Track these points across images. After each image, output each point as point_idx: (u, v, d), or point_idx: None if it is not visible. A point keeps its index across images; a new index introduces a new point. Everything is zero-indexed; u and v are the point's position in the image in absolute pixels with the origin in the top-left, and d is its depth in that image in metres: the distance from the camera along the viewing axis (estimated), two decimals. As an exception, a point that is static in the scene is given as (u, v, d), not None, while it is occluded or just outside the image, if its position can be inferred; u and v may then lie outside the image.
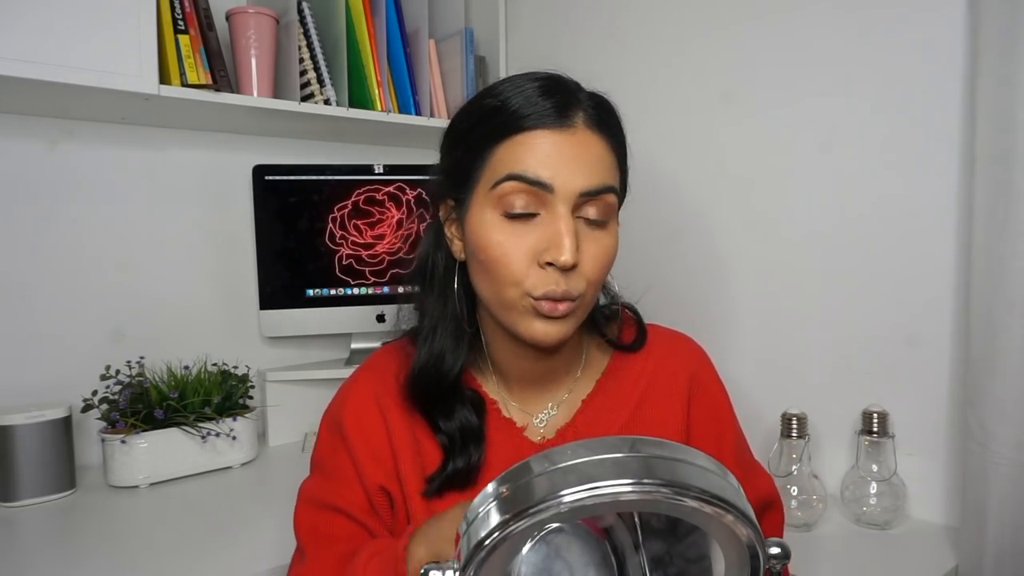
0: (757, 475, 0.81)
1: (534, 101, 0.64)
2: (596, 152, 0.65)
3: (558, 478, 0.39)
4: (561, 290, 0.64)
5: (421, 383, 0.72)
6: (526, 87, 0.65)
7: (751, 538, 0.41)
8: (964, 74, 1.00)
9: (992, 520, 0.89)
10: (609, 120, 0.68)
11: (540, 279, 0.64)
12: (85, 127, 1.32)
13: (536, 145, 0.63)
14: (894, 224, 1.08)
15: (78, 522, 1.09)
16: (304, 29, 1.38)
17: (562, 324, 0.66)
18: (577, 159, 0.64)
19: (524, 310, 0.66)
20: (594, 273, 0.66)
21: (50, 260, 1.30)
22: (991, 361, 0.89)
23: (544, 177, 0.63)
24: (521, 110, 0.64)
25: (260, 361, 1.53)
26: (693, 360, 0.80)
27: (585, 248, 0.65)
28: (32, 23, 1.03)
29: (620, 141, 0.69)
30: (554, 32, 1.58)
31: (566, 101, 0.65)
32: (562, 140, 0.64)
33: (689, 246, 1.34)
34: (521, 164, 0.63)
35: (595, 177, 0.64)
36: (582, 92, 0.68)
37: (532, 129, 0.64)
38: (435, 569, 0.42)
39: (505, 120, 0.65)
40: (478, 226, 0.66)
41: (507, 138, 0.64)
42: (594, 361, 0.79)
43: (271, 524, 1.07)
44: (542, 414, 0.76)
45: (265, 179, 1.45)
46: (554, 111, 0.64)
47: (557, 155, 0.63)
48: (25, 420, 1.14)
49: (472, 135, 0.68)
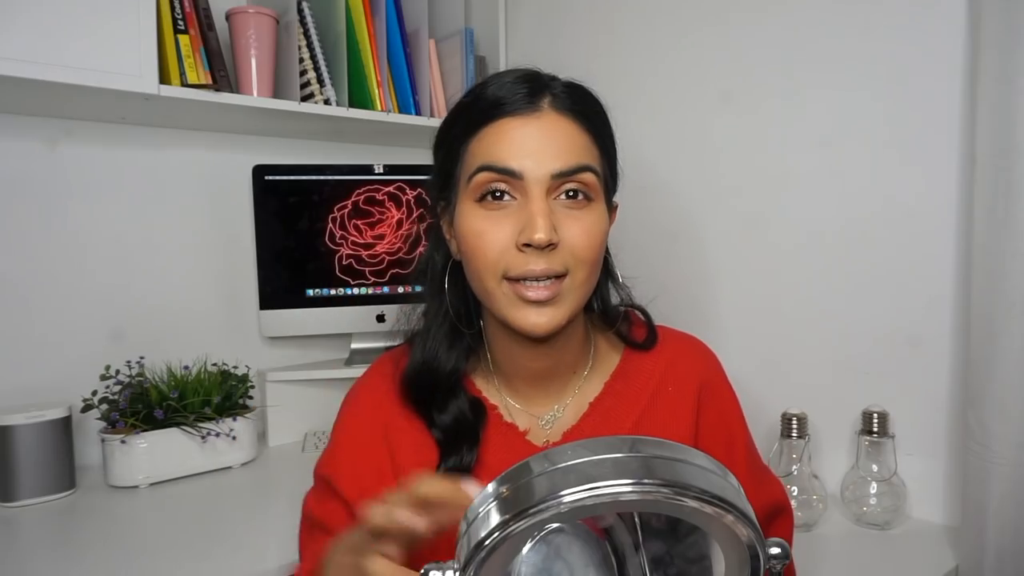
0: (768, 481, 0.80)
1: (503, 92, 0.65)
2: (565, 133, 0.65)
3: (558, 478, 0.39)
4: (540, 268, 0.63)
5: (416, 382, 0.72)
6: (502, 80, 0.67)
7: (751, 538, 0.41)
8: (964, 73, 1.00)
9: (992, 520, 0.89)
10: (581, 102, 0.68)
11: (518, 260, 0.64)
12: (85, 127, 1.32)
13: (503, 133, 0.65)
14: (894, 224, 1.08)
15: (78, 522, 1.09)
16: (304, 29, 1.38)
17: (553, 309, 0.65)
18: (545, 142, 0.64)
19: (509, 298, 0.65)
20: (580, 250, 0.65)
21: (50, 260, 1.30)
22: (991, 361, 0.89)
23: (513, 165, 0.64)
24: (489, 101, 0.66)
25: (260, 361, 1.53)
26: (704, 364, 0.78)
27: (565, 227, 0.65)
28: (32, 23, 1.03)
29: (597, 122, 0.69)
30: (554, 32, 1.58)
31: (532, 89, 0.65)
32: (529, 125, 0.64)
33: (688, 246, 1.34)
34: (490, 155, 0.65)
35: (565, 158, 0.64)
36: (554, 80, 0.68)
37: (499, 119, 0.65)
38: (435, 569, 0.42)
39: (475, 114, 0.67)
40: (460, 220, 0.67)
41: (477, 131, 0.66)
42: (603, 360, 0.77)
43: (271, 524, 1.08)
44: (548, 416, 0.74)
45: (265, 179, 1.45)
46: (521, 99, 0.65)
47: (524, 141, 0.64)
48: (25, 420, 1.14)
49: (450, 135, 0.69)
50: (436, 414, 0.71)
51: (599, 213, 0.68)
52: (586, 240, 0.66)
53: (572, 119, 0.66)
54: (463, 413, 0.71)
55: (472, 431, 0.71)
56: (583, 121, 0.67)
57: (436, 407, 0.72)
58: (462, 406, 0.72)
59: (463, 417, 0.71)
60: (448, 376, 0.72)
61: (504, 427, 0.73)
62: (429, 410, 0.72)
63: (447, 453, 0.70)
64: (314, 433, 1.48)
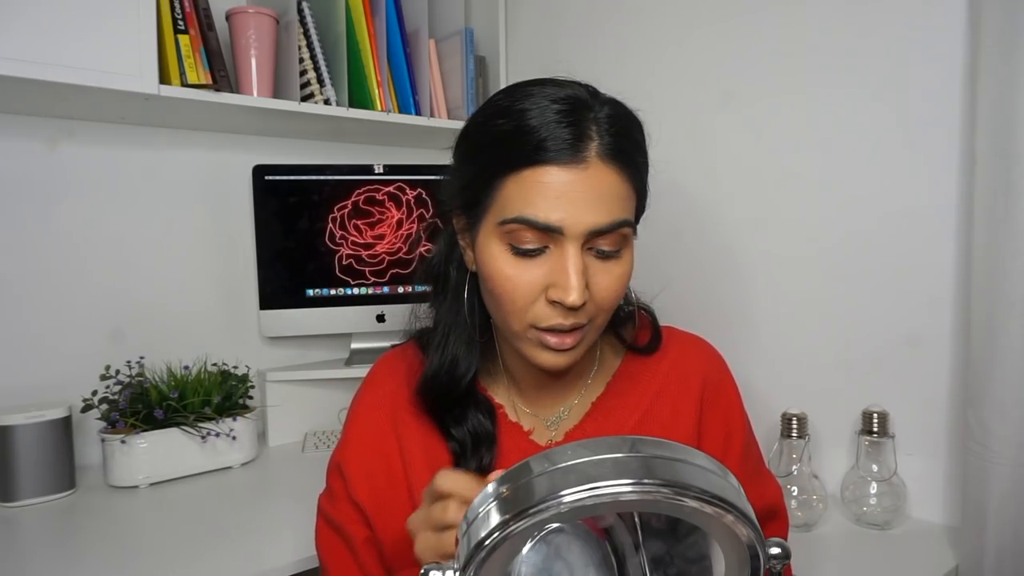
0: (763, 482, 0.80)
1: (549, 129, 0.61)
2: (609, 187, 0.62)
3: (558, 478, 0.39)
4: (569, 323, 0.63)
5: (434, 389, 0.72)
6: (545, 110, 0.62)
7: (751, 538, 0.41)
8: (964, 73, 1.00)
9: (992, 520, 0.89)
10: (625, 145, 0.64)
11: (546, 313, 0.64)
12: (85, 127, 1.32)
13: (547, 185, 0.61)
14: (894, 223, 1.08)
15: (78, 522, 1.09)
16: (304, 29, 1.38)
17: (571, 354, 0.66)
18: (588, 197, 0.61)
19: (531, 341, 0.66)
20: (606, 302, 0.65)
21: (50, 260, 1.30)
22: (991, 361, 0.89)
23: (553, 221, 0.61)
24: (533, 140, 0.61)
25: (260, 361, 1.53)
26: (707, 363, 0.78)
27: (596, 281, 0.64)
28: (32, 23, 1.03)
29: (638, 164, 0.66)
30: (554, 32, 1.58)
31: (581, 132, 0.61)
32: (574, 178, 0.61)
33: (688, 246, 1.34)
34: (531, 207, 0.61)
35: (606, 214, 0.62)
36: (601, 112, 0.63)
37: (544, 164, 0.61)
38: (435, 569, 0.42)
39: (517, 151, 0.62)
40: (486, 255, 0.65)
41: (517, 171, 0.62)
42: (607, 363, 0.78)
43: (271, 524, 1.08)
44: (552, 417, 0.75)
45: (265, 179, 1.45)
46: (567, 145, 0.60)
47: (568, 195, 0.61)
48: (25, 420, 1.14)
49: (483, 157, 0.65)
50: (454, 427, 0.72)
51: (628, 262, 0.67)
52: (613, 292, 0.66)
53: (616, 168, 0.63)
54: (481, 424, 0.72)
55: (489, 437, 0.72)
56: (627, 169, 0.64)
57: (454, 419, 0.72)
58: (480, 420, 0.72)
59: (481, 428, 0.72)
60: (465, 383, 0.72)
61: (509, 426, 0.74)
62: (446, 421, 0.72)
63: (465, 457, 0.70)
64: (314, 433, 1.48)
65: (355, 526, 0.72)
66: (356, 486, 0.72)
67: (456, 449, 0.71)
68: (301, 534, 0.97)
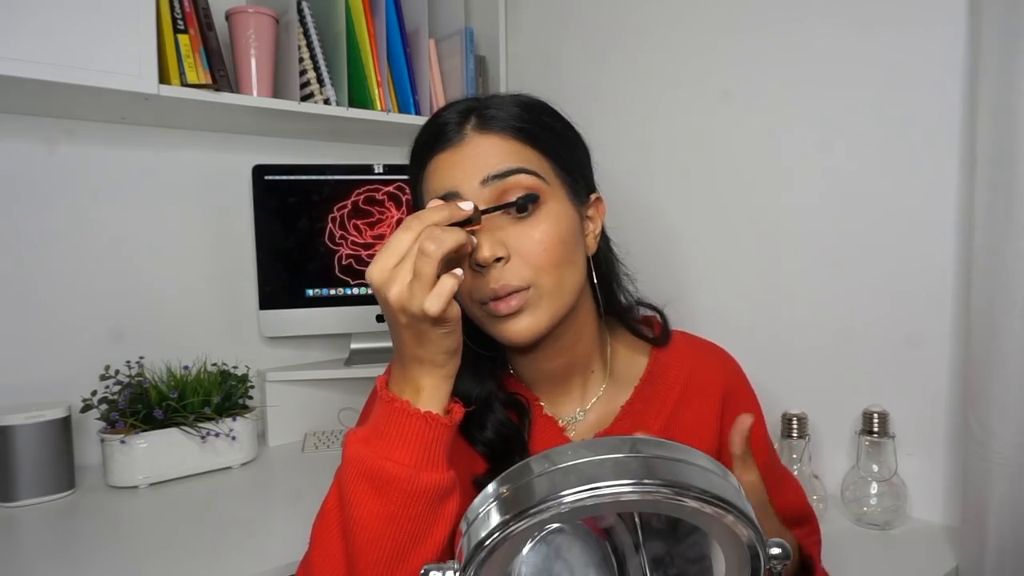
0: (788, 487, 0.80)
1: (434, 129, 0.69)
2: (490, 146, 0.66)
3: (559, 478, 0.39)
4: (500, 285, 0.64)
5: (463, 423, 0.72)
6: (433, 118, 0.70)
7: (751, 538, 0.41)
8: (964, 74, 1.00)
9: (992, 520, 0.89)
10: (508, 116, 0.67)
11: (478, 284, 0.65)
12: (85, 127, 1.32)
13: (439, 168, 0.67)
14: (894, 224, 1.08)
15: (77, 522, 1.09)
16: (304, 29, 1.38)
17: (528, 316, 0.65)
18: (473, 159, 0.66)
19: (488, 318, 0.67)
20: (536, 257, 0.65)
21: (50, 260, 1.30)
22: (991, 361, 0.89)
23: (448, 187, 0.66)
24: (425, 141, 0.69)
25: (260, 361, 1.53)
26: (727, 370, 0.80)
27: (514, 238, 0.64)
28: (32, 23, 1.03)
29: (533, 132, 0.68)
30: (554, 32, 1.58)
31: (459, 119, 0.68)
32: (456, 152, 0.67)
33: (688, 246, 1.34)
34: (432, 190, 0.68)
35: (494, 166, 0.65)
36: (485, 101, 0.69)
37: (435, 155, 0.68)
38: (435, 569, 0.42)
39: (416, 155, 0.70)
40: None
41: (423, 171, 0.69)
42: (625, 364, 0.78)
43: (270, 524, 1.07)
44: (568, 417, 0.76)
45: (265, 179, 1.45)
46: (449, 131, 0.67)
47: (456, 165, 0.66)
48: (25, 420, 1.14)
49: (410, 175, 0.73)
50: (477, 433, 0.72)
51: (553, 215, 0.66)
52: (539, 247, 0.65)
53: (497, 134, 0.67)
54: (503, 425, 0.72)
55: (519, 437, 0.72)
56: (511, 132, 0.67)
57: (475, 427, 0.72)
58: (500, 420, 0.72)
59: (504, 429, 0.72)
60: (484, 401, 0.72)
61: (544, 420, 0.75)
62: (470, 432, 0.72)
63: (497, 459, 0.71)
64: (314, 433, 1.48)
65: None
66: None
67: (486, 453, 0.71)
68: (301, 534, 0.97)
